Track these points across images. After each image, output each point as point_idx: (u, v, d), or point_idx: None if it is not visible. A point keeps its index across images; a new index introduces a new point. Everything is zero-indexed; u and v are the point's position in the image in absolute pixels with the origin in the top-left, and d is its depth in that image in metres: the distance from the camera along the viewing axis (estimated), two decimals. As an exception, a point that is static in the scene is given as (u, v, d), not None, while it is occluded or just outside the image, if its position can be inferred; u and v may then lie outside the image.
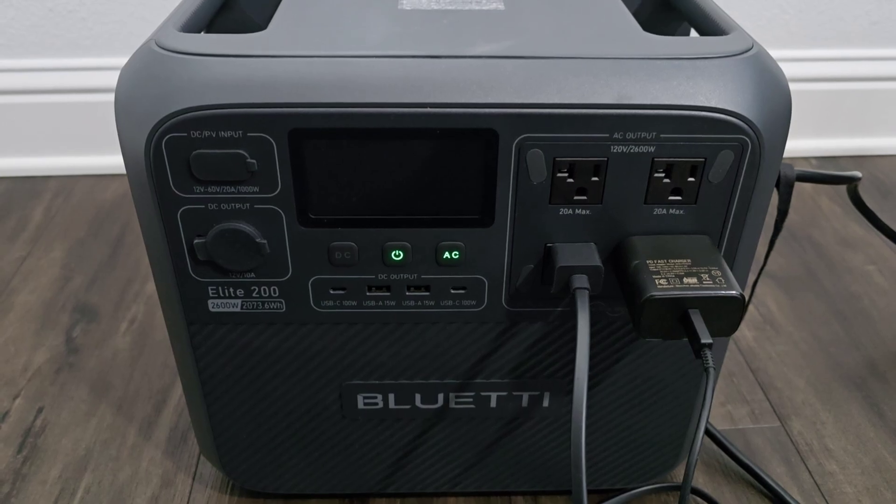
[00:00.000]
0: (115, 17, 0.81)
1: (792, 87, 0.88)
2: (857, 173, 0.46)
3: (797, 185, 0.85)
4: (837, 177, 0.45)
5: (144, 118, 0.33)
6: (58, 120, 0.85)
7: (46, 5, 0.80)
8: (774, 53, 0.87)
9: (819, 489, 0.50)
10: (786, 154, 0.93)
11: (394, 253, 0.37)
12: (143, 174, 0.34)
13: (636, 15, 0.48)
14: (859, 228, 0.78)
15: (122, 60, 0.83)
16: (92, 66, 0.83)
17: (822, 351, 0.62)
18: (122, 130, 0.34)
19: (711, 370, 0.34)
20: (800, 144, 0.93)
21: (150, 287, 0.68)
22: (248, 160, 0.34)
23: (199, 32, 0.38)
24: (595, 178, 0.35)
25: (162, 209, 0.35)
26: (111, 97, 0.84)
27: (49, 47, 0.82)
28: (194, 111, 0.32)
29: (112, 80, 0.83)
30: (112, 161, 0.87)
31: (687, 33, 0.49)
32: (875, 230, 0.75)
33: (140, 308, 0.65)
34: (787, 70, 0.88)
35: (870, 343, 0.62)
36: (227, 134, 0.33)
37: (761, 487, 0.50)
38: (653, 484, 0.48)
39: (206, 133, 0.33)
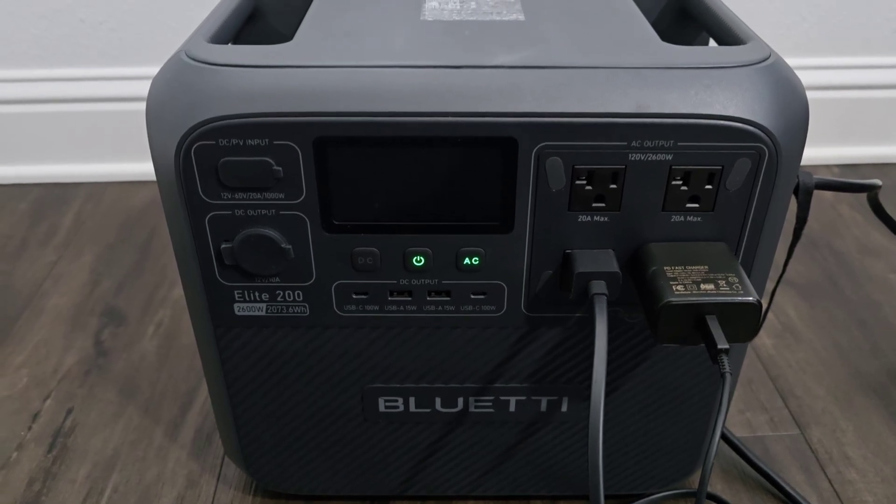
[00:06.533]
0: (144, 28, 0.83)
1: (813, 94, 0.88)
2: (878, 181, 0.46)
3: (818, 193, 0.84)
4: (857, 184, 0.45)
5: (175, 127, 0.34)
6: (88, 128, 0.87)
7: (77, 16, 0.82)
8: (795, 61, 0.87)
9: (839, 497, 0.50)
10: (807, 162, 0.92)
11: (415, 259, 0.38)
12: (172, 181, 0.35)
13: (654, 25, 0.49)
14: (880, 236, 0.77)
15: (151, 70, 0.85)
16: (121, 76, 0.85)
17: (842, 359, 0.61)
18: (153, 138, 0.35)
19: (728, 375, 0.34)
20: (821, 152, 0.92)
21: (177, 292, 0.69)
22: (275, 167, 0.34)
23: (227, 44, 0.39)
24: (613, 186, 0.35)
25: (190, 215, 0.36)
26: (139, 106, 0.85)
27: (81, 57, 0.84)
28: (222, 120, 0.33)
29: (140, 89, 0.85)
30: (140, 168, 0.89)
31: (705, 43, 0.50)
32: (897, 238, 0.75)
33: (167, 312, 0.67)
34: (808, 78, 0.87)
35: (891, 351, 0.62)
36: (254, 142, 0.34)
37: (780, 495, 0.50)
38: (670, 490, 0.49)
39: (234, 141, 0.34)
